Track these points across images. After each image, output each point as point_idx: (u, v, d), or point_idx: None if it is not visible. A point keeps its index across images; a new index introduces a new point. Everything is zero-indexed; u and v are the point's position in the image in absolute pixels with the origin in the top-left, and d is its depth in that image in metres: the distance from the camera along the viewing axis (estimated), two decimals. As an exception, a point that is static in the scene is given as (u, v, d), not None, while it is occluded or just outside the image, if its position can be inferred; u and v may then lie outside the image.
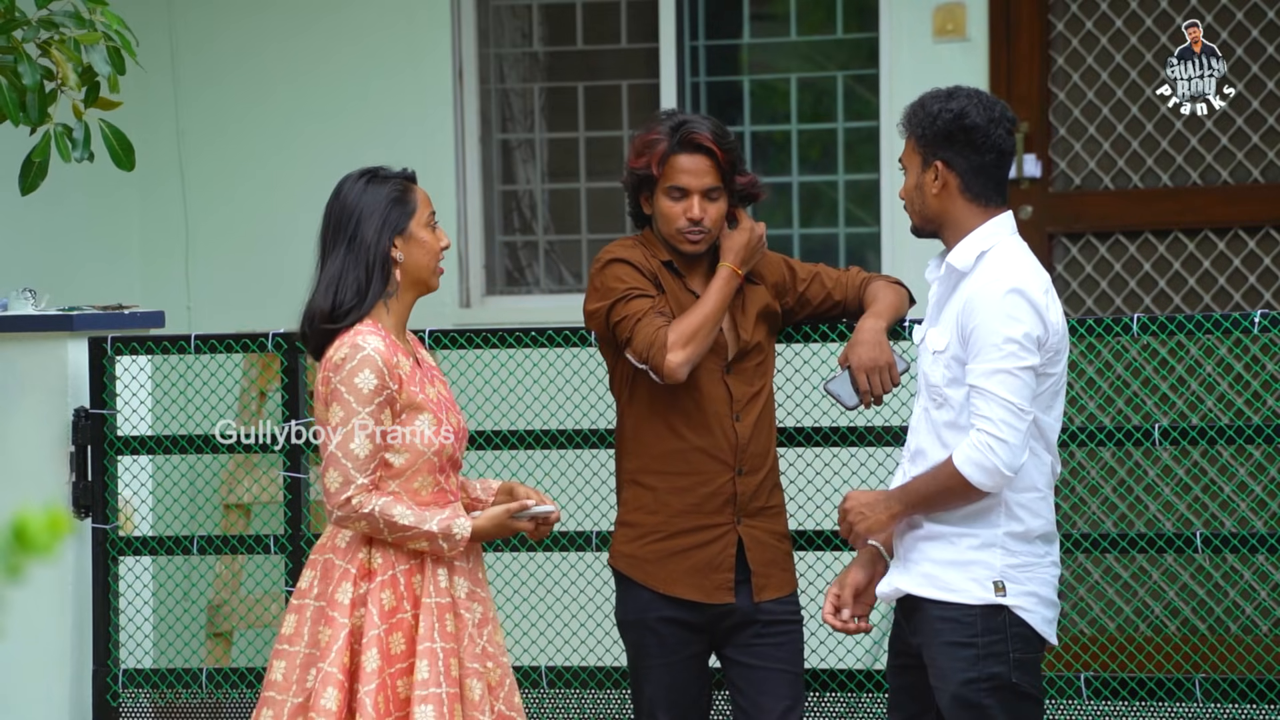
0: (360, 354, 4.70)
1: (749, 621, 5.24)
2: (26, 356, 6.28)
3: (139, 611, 6.32)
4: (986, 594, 4.59)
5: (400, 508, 4.70)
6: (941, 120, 4.67)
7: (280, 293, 7.19)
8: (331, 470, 4.70)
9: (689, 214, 5.19)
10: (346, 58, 8.60)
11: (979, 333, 4.56)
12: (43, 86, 5.25)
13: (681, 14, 8.48)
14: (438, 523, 4.71)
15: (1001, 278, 4.59)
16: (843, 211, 8.45)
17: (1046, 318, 4.58)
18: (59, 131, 5.32)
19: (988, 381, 4.54)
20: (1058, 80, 8.14)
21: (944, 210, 4.69)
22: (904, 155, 4.77)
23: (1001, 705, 4.60)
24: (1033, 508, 4.64)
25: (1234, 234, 8.00)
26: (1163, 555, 6.28)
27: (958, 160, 4.67)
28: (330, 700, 4.67)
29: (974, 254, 4.64)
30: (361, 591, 4.73)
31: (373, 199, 4.82)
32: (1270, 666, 6.67)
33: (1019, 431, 4.53)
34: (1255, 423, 5.66)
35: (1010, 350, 4.54)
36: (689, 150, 5.21)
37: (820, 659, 6.03)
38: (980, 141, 4.67)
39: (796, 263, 5.44)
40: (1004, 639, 4.59)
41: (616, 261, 5.25)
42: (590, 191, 8.70)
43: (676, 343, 5.11)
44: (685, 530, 5.23)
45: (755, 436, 5.25)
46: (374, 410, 4.69)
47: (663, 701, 5.25)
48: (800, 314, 5.42)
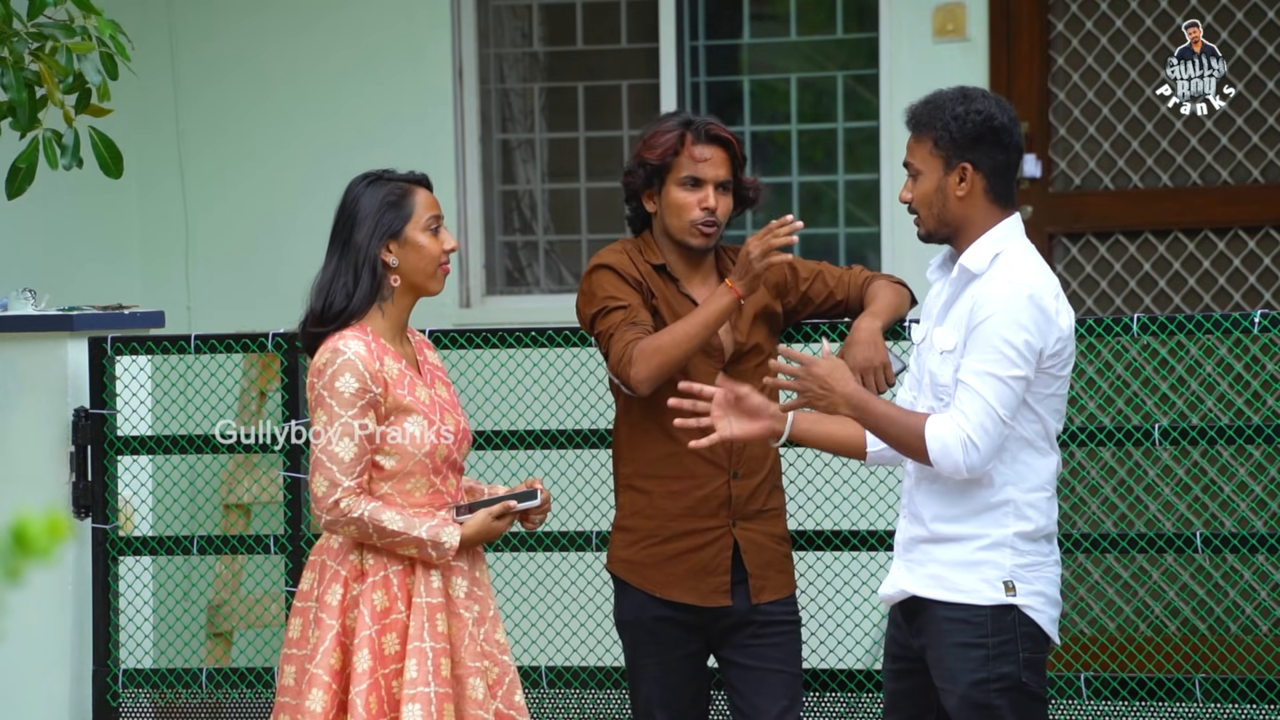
0: (341, 358, 4.71)
1: (745, 622, 5.24)
2: (26, 356, 6.28)
3: (139, 611, 6.32)
4: (997, 594, 4.58)
5: (390, 513, 4.70)
6: (971, 122, 4.62)
7: (280, 293, 7.19)
8: (318, 475, 4.71)
9: (704, 204, 5.19)
10: (346, 57, 8.60)
11: (983, 329, 4.53)
12: (33, 93, 5.25)
13: (681, 14, 8.48)
14: (427, 530, 4.71)
15: (1017, 280, 4.56)
16: (843, 211, 8.45)
17: (1057, 323, 4.56)
18: (48, 138, 5.32)
19: (977, 380, 4.52)
20: (1058, 80, 8.14)
21: (966, 214, 4.64)
22: (918, 159, 4.67)
23: (1011, 705, 4.59)
24: (1041, 508, 4.63)
25: (1234, 234, 8.00)
26: (1163, 555, 6.28)
27: (985, 161, 4.64)
28: (316, 702, 4.68)
29: (989, 255, 4.61)
30: (354, 593, 4.73)
31: (369, 202, 4.82)
32: (1270, 666, 6.67)
33: (992, 438, 4.51)
34: (1255, 423, 5.66)
35: (1008, 355, 4.52)
36: (706, 141, 5.23)
37: (820, 659, 6.03)
38: (1006, 142, 4.65)
39: (799, 261, 5.42)
40: (1014, 639, 4.58)
41: (600, 268, 5.26)
42: (590, 191, 8.70)
43: (640, 357, 5.08)
44: (680, 534, 5.23)
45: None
46: (357, 413, 4.70)
47: (659, 700, 5.26)
48: (803, 313, 5.41)
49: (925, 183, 4.67)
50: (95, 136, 5.46)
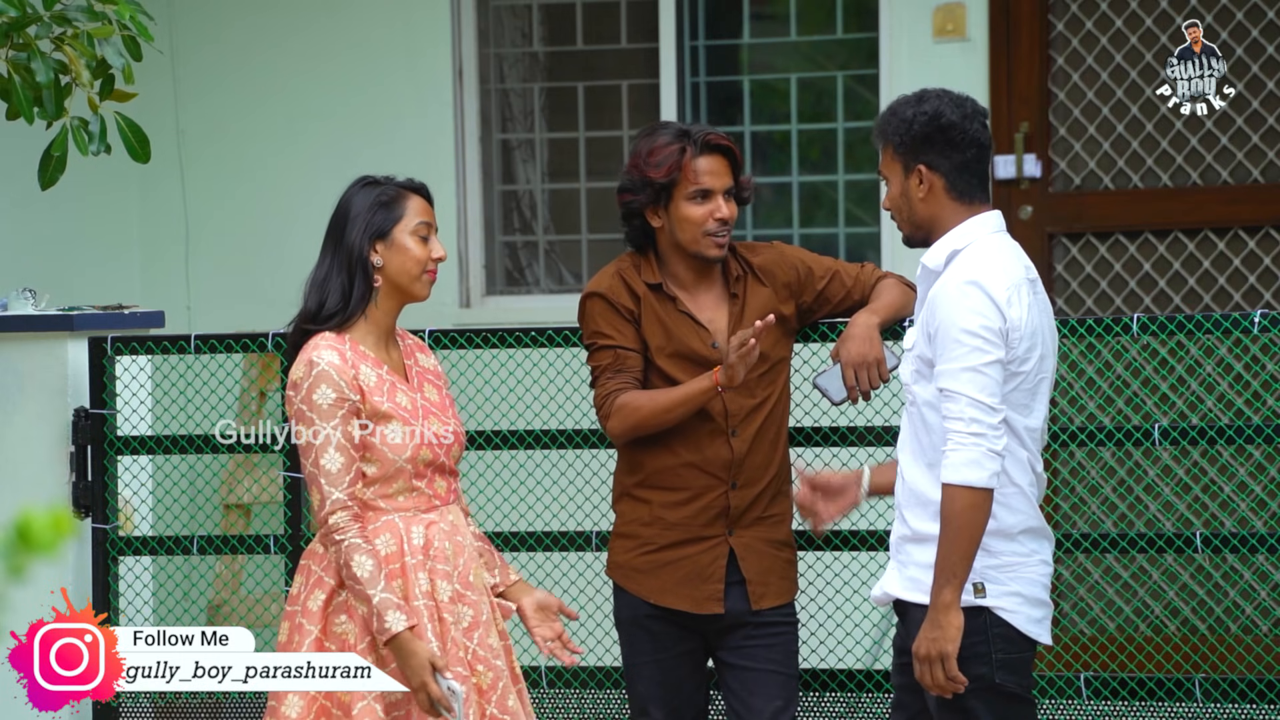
0: (315, 370, 4.71)
1: (741, 624, 5.25)
2: (26, 356, 6.28)
3: (139, 612, 6.32)
4: (965, 596, 4.56)
5: (363, 556, 4.65)
6: (918, 123, 4.66)
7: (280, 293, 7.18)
8: (312, 489, 4.72)
9: (717, 214, 5.20)
10: (346, 57, 8.60)
11: (941, 330, 4.53)
12: (58, 81, 5.25)
13: (681, 14, 8.48)
14: (381, 598, 4.63)
15: (964, 275, 4.56)
16: (842, 211, 8.45)
17: (1006, 313, 4.52)
18: (75, 126, 5.32)
19: (954, 381, 4.50)
20: (1058, 80, 8.14)
21: (932, 214, 4.67)
22: (883, 166, 4.73)
23: (986, 706, 4.57)
24: (1010, 504, 4.59)
25: (1234, 234, 8.00)
26: (1163, 555, 6.28)
27: (940, 161, 4.66)
28: (292, 708, 4.69)
29: (945, 253, 4.63)
30: (340, 599, 4.73)
31: (361, 202, 4.82)
32: (1270, 666, 6.67)
33: (991, 425, 4.48)
34: (1255, 423, 5.66)
35: (974, 345, 4.50)
36: (709, 152, 5.23)
37: (820, 659, 6.03)
38: (959, 138, 4.66)
39: (813, 259, 5.39)
40: (985, 640, 4.56)
41: (592, 297, 5.28)
42: (590, 191, 8.70)
43: (617, 413, 5.16)
44: (677, 542, 5.25)
45: (755, 449, 5.23)
46: (339, 423, 4.69)
47: (655, 698, 5.27)
48: (819, 312, 5.38)
49: (892, 188, 4.74)
50: (121, 121, 5.45)
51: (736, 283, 5.29)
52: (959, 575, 4.48)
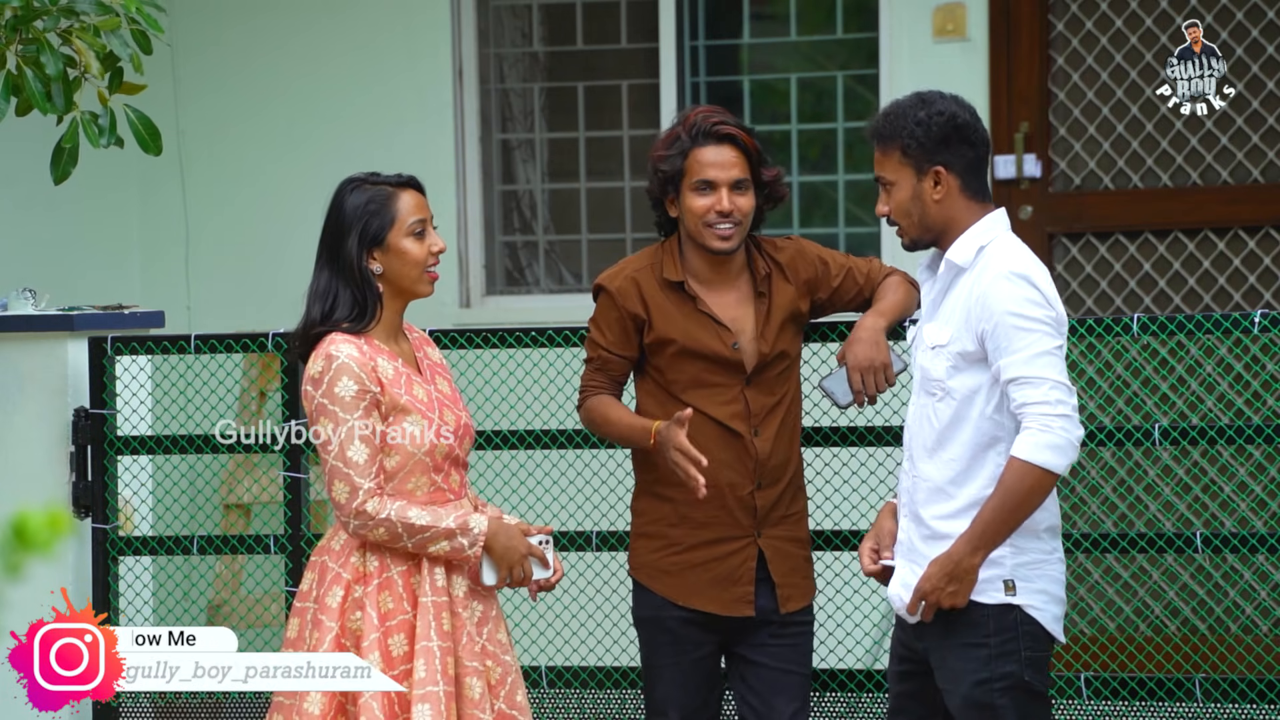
0: (335, 364, 4.70)
1: (766, 622, 5.22)
2: (26, 356, 6.28)
3: (139, 612, 6.31)
4: (998, 594, 4.58)
5: (415, 509, 4.70)
6: (935, 125, 4.65)
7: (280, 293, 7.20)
8: (337, 482, 4.70)
9: (717, 206, 5.11)
10: (346, 58, 8.60)
11: (1001, 327, 4.54)
12: (66, 75, 5.24)
13: (681, 14, 8.48)
14: (455, 519, 4.71)
15: (1006, 267, 4.58)
16: (843, 211, 8.45)
17: (1055, 304, 4.59)
18: (85, 119, 5.31)
19: (1030, 367, 4.51)
20: (1058, 80, 8.14)
21: (948, 215, 4.66)
22: (888, 171, 4.69)
23: (1014, 704, 4.58)
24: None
25: (1234, 234, 8.00)
26: (1163, 555, 6.28)
27: (956, 161, 4.66)
28: (314, 704, 4.68)
29: (974, 248, 4.63)
30: (356, 595, 4.73)
31: (352, 210, 4.80)
32: (1270, 666, 6.67)
33: (1072, 405, 4.52)
34: (1255, 423, 5.66)
35: (1042, 330, 4.54)
36: (714, 141, 5.16)
37: (820, 659, 6.03)
38: (973, 138, 4.67)
39: (829, 255, 5.32)
40: (1016, 637, 4.58)
41: (601, 290, 5.25)
42: (590, 191, 8.70)
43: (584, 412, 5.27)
44: (705, 542, 5.19)
45: (776, 449, 5.20)
46: (362, 415, 4.70)
47: (675, 701, 5.23)
48: (833, 308, 5.34)
49: (900, 192, 4.69)
50: (131, 114, 5.44)
51: (764, 281, 5.21)
52: (993, 546, 4.53)
